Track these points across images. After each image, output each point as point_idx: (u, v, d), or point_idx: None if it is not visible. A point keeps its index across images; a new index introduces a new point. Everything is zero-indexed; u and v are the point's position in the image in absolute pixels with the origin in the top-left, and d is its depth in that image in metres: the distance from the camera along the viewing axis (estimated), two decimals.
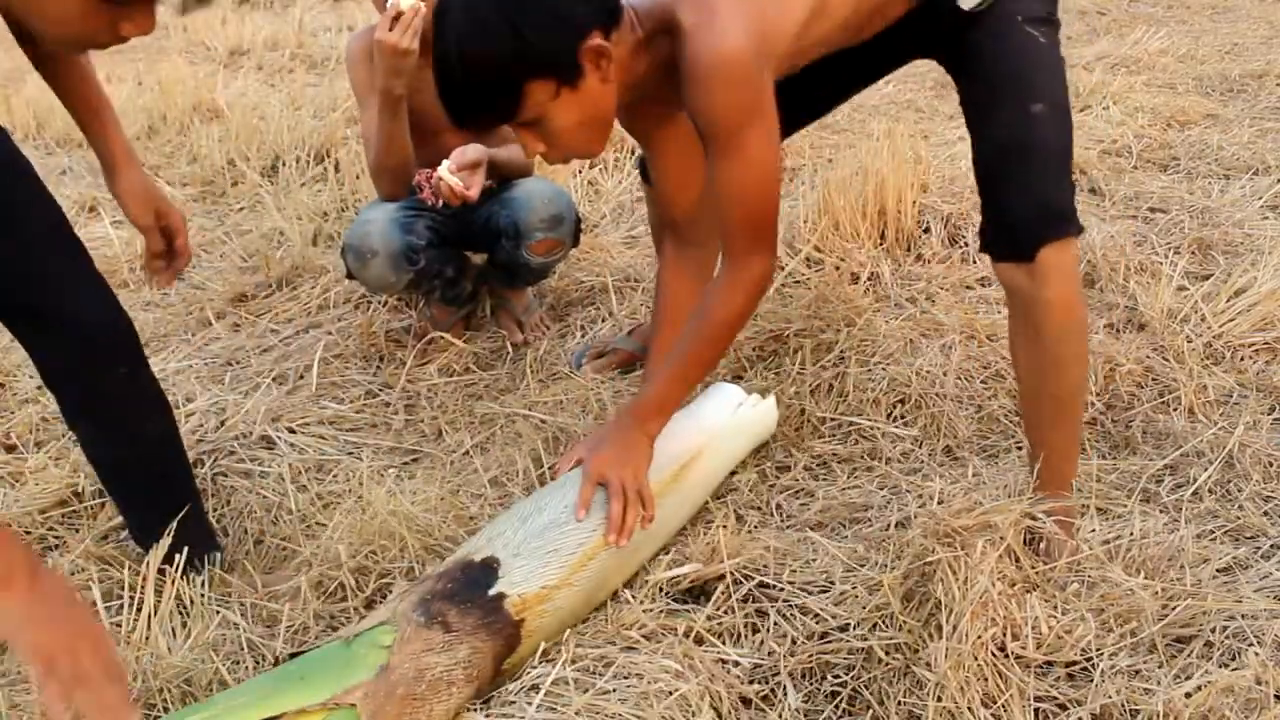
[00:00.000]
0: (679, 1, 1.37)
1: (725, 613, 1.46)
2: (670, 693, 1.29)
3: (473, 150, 2.13)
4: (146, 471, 1.59)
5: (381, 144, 2.11)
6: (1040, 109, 1.44)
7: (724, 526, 1.59)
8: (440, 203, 2.23)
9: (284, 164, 3.40)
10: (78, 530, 1.78)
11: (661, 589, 1.51)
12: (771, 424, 1.89)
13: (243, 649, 1.46)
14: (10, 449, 2.02)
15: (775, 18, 1.39)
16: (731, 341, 1.57)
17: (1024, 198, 1.46)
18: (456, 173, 2.09)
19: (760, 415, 1.85)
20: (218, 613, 1.52)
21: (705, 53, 1.34)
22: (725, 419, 1.77)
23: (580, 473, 1.54)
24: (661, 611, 1.46)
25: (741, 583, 1.50)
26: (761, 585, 1.50)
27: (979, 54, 1.50)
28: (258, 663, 1.44)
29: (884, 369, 2.07)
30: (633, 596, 1.49)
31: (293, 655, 1.37)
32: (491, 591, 1.36)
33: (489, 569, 1.38)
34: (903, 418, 1.97)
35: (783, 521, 1.70)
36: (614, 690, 1.31)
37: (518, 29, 1.28)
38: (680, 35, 1.36)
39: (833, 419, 1.96)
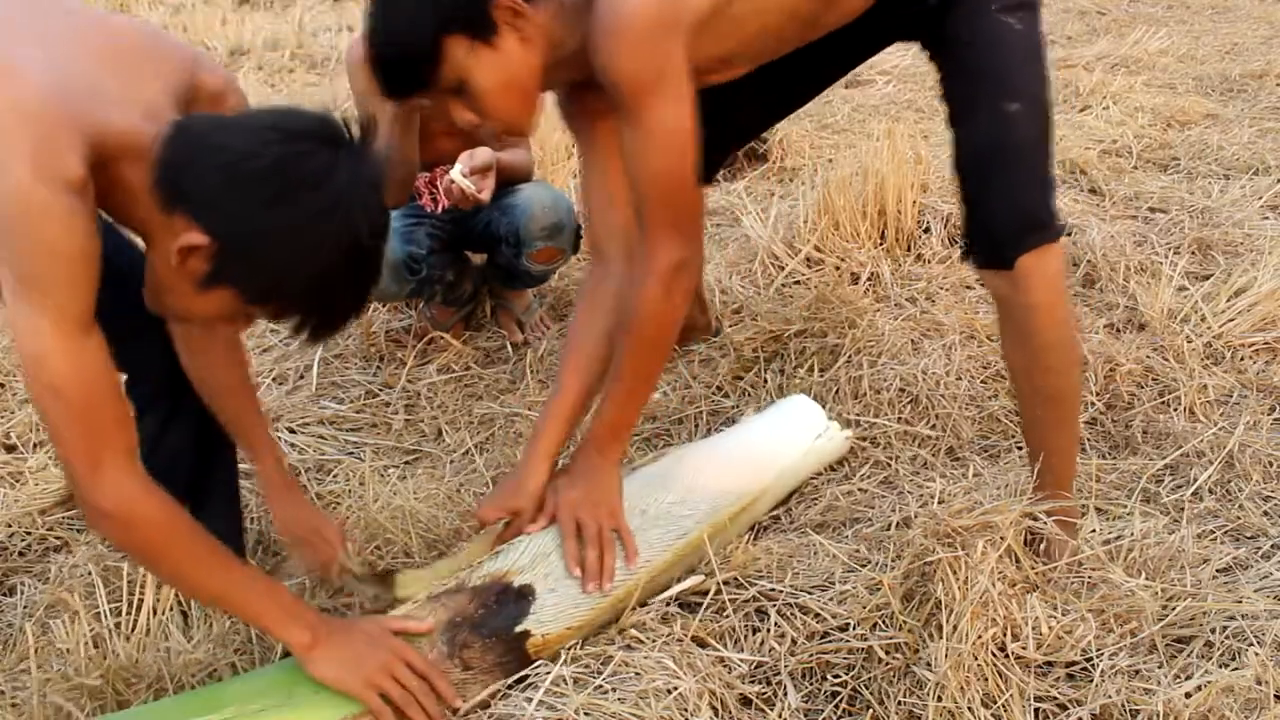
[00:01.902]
0: None
1: (725, 614, 1.46)
2: (669, 691, 1.29)
3: (482, 153, 2.12)
4: (200, 463, 1.59)
5: (391, 155, 2.09)
6: (1016, 108, 1.42)
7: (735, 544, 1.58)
8: (440, 208, 2.24)
9: None
10: (79, 530, 1.78)
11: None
12: (840, 454, 1.82)
13: (250, 641, 1.47)
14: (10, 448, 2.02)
15: None
16: (669, 342, 1.47)
17: (1003, 205, 1.44)
18: (468, 176, 2.09)
19: (835, 449, 1.80)
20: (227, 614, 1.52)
21: (607, 13, 1.30)
22: (798, 455, 1.72)
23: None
24: (661, 612, 1.46)
25: (744, 587, 1.50)
26: (763, 588, 1.50)
27: (953, 47, 1.49)
28: (265, 654, 1.44)
29: (889, 369, 2.07)
30: None
31: None
32: (518, 629, 1.36)
33: (523, 599, 1.38)
34: (906, 419, 1.97)
35: (787, 523, 1.70)
36: (613, 689, 1.31)
37: None
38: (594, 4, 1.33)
39: (834, 420, 1.96)
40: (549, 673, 1.33)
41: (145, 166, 1.08)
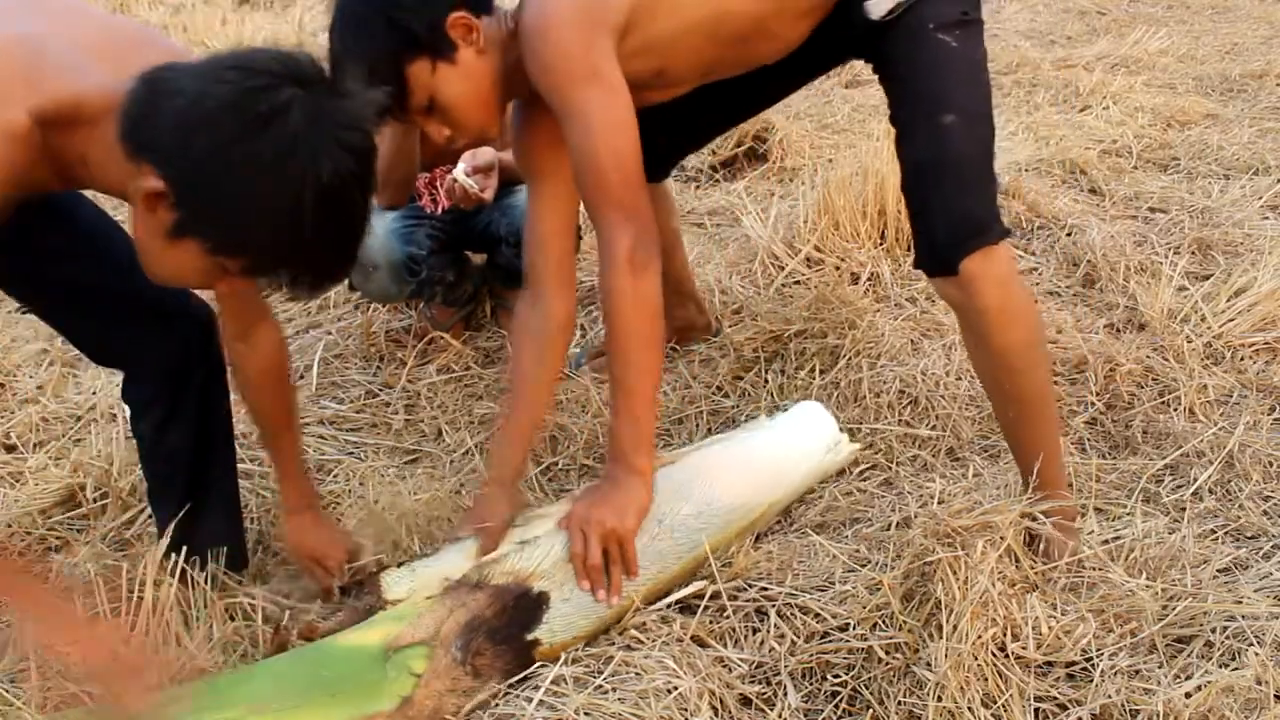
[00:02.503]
0: None
1: (725, 614, 1.46)
2: (669, 691, 1.29)
3: (485, 153, 2.12)
4: (198, 461, 1.60)
5: (389, 160, 2.09)
6: (951, 120, 1.44)
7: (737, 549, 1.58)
8: (441, 209, 2.24)
9: None
10: (79, 530, 1.78)
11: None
12: (845, 465, 1.82)
13: (253, 645, 1.46)
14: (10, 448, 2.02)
15: None
16: (655, 330, 1.45)
17: (941, 213, 1.46)
18: (471, 175, 2.09)
19: (842, 461, 1.80)
20: (228, 615, 1.52)
21: (532, 14, 1.40)
22: (811, 470, 1.73)
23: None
24: (661, 612, 1.46)
25: (744, 588, 1.50)
26: (763, 589, 1.50)
27: (893, 66, 1.52)
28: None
29: (889, 370, 2.07)
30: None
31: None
32: (529, 636, 1.37)
33: (538, 606, 1.38)
34: (906, 420, 1.97)
35: (787, 524, 1.70)
36: (613, 689, 1.31)
37: (389, 17, 1.38)
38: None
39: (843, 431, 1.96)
40: (549, 673, 1.34)
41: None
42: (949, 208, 1.46)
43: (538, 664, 1.37)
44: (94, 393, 2.15)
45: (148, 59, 1.10)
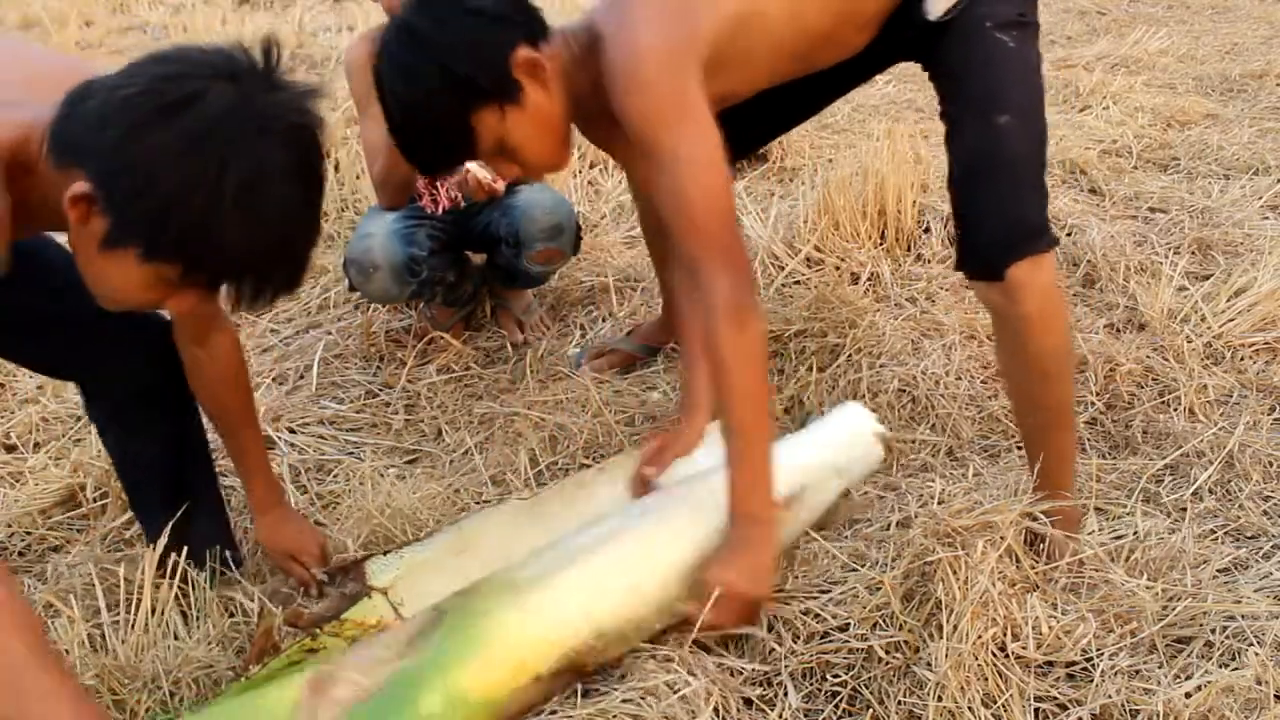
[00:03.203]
0: (601, 13, 1.38)
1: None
2: (672, 690, 1.29)
3: None
4: (171, 472, 1.59)
5: (387, 161, 2.08)
6: (1006, 120, 1.43)
7: None
8: (440, 209, 2.24)
9: None
10: (79, 530, 1.78)
11: None
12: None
13: (250, 641, 1.46)
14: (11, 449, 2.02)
15: (703, 12, 1.35)
16: (762, 378, 1.42)
17: (992, 216, 1.44)
18: (483, 166, 2.08)
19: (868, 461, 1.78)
20: (228, 612, 1.52)
21: (617, 58, 1.32)
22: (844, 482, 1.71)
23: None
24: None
25: None
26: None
27: (949, 65, 1.50)
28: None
29: (889, 370, 2.07)
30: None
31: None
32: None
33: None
34: (909, 420, 1.97)
35: None
36: (615, 690, 1.31)
37: (445, 68, 1.30)
38: (601, 45, 1.35)
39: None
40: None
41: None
42: (1001, 210, 1.43)
43: None
44: None
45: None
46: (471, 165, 2.09)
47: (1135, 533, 1.64)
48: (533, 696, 1.29)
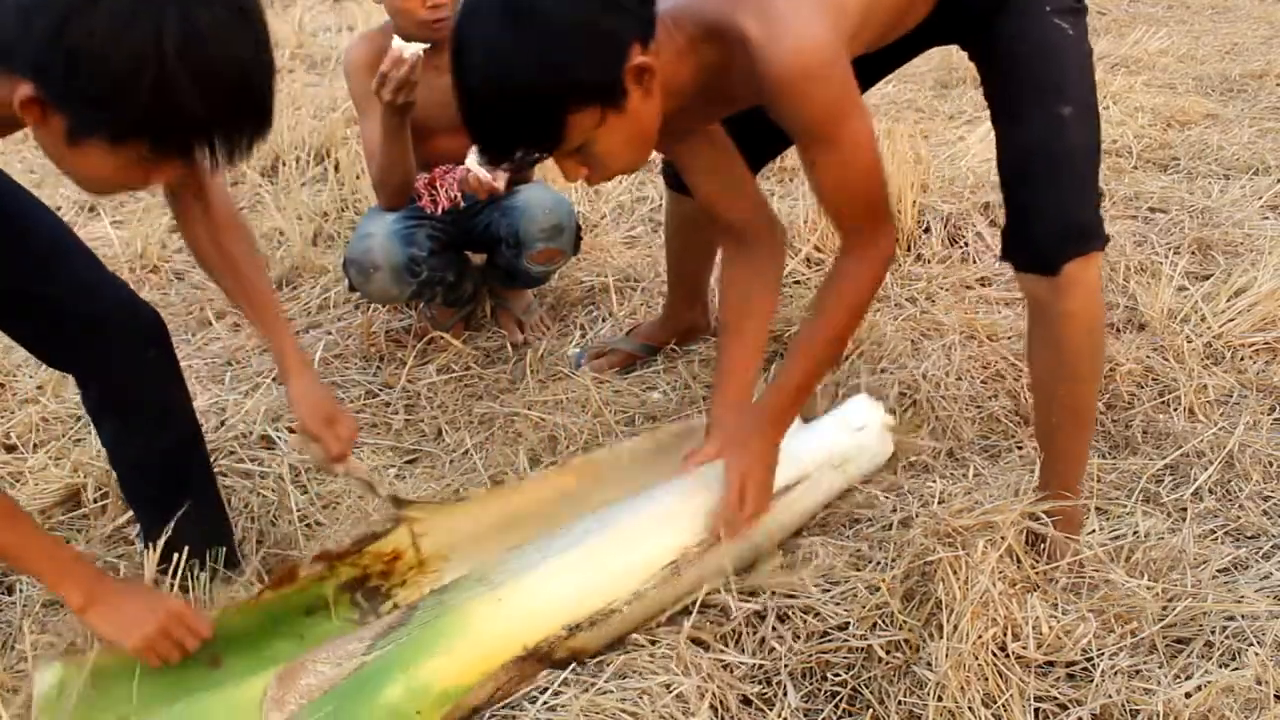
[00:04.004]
0: (734, 8, 1.27)
1: (725, 614, 1.46)
2: (669, 690, 1.29)
3: None
4: (167, 468, 1.58)
5: (384, 162, 2.08)
6: (1070, 112, 1.40)
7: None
8: (440, 210, 2.24)
9: (284, 164, 3.40)
10: (79, 530, 1.78)
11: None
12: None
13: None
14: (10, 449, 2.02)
15: None
16: (860, 320, 1.53)
17: (1051, 210, 1.42)
18: (483, 164, 2.08)
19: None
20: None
21: (788, 61, 1.25)
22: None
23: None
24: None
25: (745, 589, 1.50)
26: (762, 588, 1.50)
27: (1006, 47, 1.46)
28: None
29: (888, 370, 2.07)
30: None
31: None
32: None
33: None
34: (909, 420, 1.97)
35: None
36: (613, 690, 1.31)
37: (554, 63, 1.17)
38: (745, 45, 1.26)
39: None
40: (551, 674, 1.34)
41: None
42: (1061, 204, 1.42)
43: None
44: None
45: None
46: (471, 164, 2.08)
47: (1135, 533, 1.64)
48: (499, 683, 1.32)
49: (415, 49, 1.88)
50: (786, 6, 1.26)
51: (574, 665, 1.36)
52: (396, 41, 1.90)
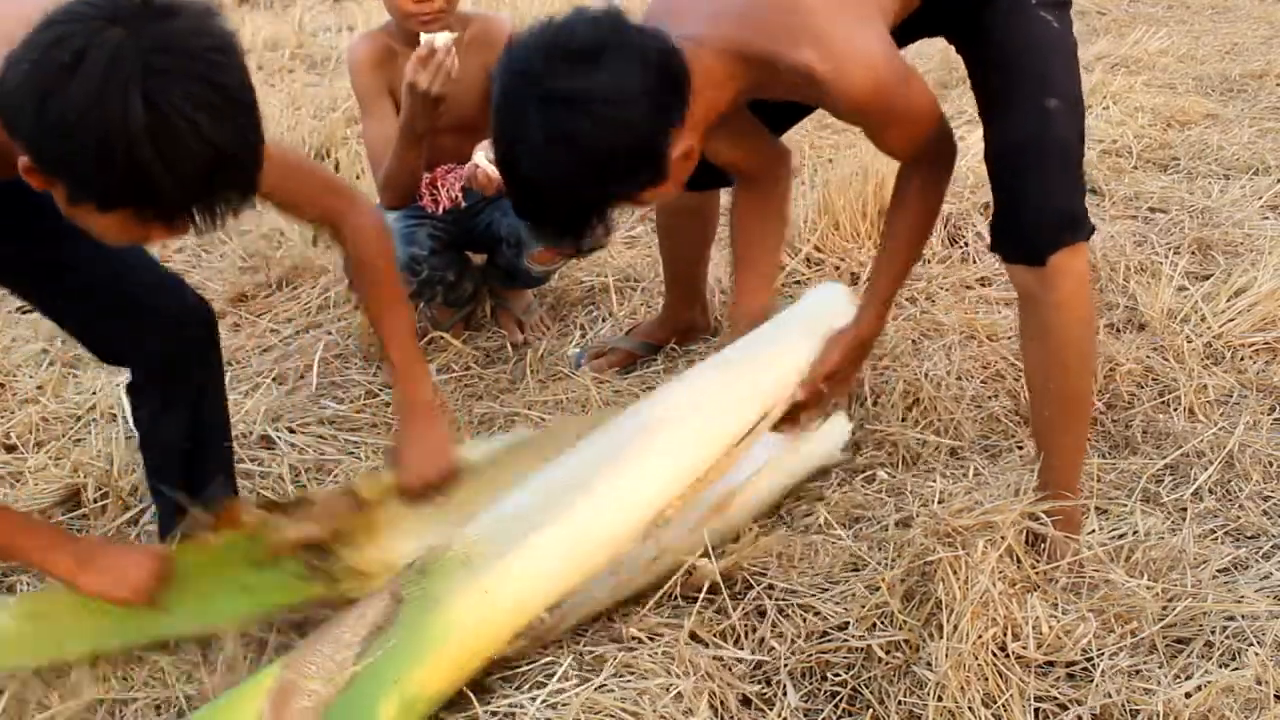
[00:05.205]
0: (790, 42, 1.31)
1: (725, 613, 1.46)
2: (668, 689, 1.29)
3: None
4: (196, 455, 1.60)
5: (394, 165, 2.06)
6: (1055, 104, 1.42)
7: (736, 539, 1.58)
8: (441, 209, 2.24)
9: None
10: (79, 530, 1.78)
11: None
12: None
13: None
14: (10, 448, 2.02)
15: None
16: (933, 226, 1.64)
17: (1037, 201, 1.43)
18: (492, 162, 2.07)
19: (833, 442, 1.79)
20: None
21: (863, 89, 1.33)
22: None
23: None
24: (662, 611, 1.46)
25: (744, 588, 1.50)
26: (765, 587, 1.49)
27: (992, 38, 1.48)
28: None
29: (889, 370, 2.07)
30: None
31: None
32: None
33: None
34: (910, 420, 1.97)
35: (788, 522, 1.70)
36: (613, 689, 1.31)
37: (601, 165, 1.23)
38: (810, 79, 1.31)
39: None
40: (550, 672, 1.34)
41: None
42: (1047, 195, 1.43)
43: (537, 661, 1.37)
44: (94, 393, 2.14)
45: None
46: (479, 159, 2.07)
47: (1135, 533, 1.64)
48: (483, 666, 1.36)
49: (446, 37, 1.90)
50: (841, 33, 1.31)
51: (572, 660, 1.36)
52: (424, 36, 1.91)
